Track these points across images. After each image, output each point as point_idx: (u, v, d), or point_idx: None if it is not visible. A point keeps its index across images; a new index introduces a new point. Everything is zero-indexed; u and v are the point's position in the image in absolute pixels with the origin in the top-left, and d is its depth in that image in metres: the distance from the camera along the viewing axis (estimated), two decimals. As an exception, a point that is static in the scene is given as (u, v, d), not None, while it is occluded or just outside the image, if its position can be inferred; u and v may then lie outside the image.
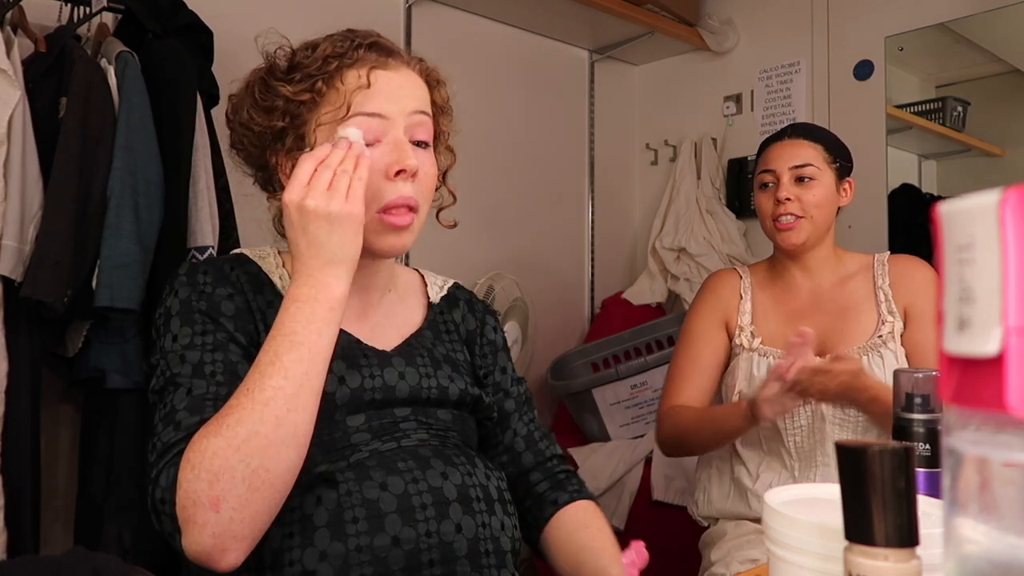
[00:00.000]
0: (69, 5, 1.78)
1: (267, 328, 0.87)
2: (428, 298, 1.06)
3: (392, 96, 0.88)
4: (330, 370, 0.85)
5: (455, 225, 1.04)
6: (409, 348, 0.97)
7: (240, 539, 0.75)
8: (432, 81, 0.96)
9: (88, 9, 1.76)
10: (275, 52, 0.92)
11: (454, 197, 1.04)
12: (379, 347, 0.95)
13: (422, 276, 1.10)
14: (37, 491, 1.64)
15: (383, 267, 0.98)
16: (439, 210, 1.03)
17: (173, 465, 0.77)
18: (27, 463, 1.60)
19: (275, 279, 0.94)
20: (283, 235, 1.02)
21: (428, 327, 1.02)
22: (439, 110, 0.97)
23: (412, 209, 0.89)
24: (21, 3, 1.67)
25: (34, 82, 1.62)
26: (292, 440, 0.76)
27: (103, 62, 1.70)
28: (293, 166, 0.88)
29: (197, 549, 0.74)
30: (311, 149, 0.90)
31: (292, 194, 0.80)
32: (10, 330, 1.56)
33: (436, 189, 0.97)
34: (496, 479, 0.94)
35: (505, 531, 0.91)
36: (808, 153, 1.49)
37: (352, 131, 0.85)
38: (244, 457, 0.74)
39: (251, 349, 0.86)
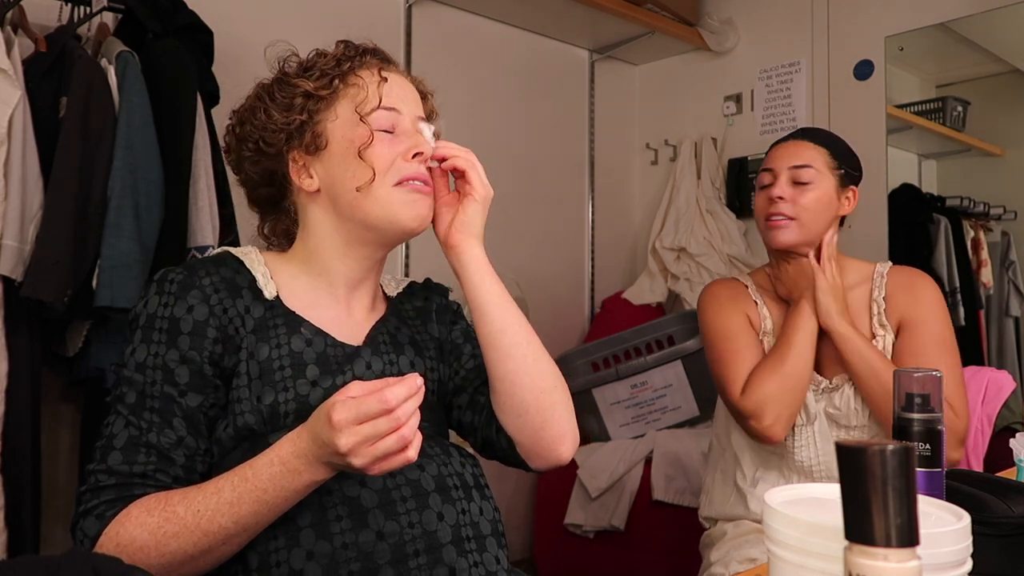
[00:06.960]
0: (69, 5, 1.78)
1: (245, 331, 0.90)
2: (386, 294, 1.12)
3: (403, 96, 0.99)
4: (303, 375, 0.91)
5: None
6: (374, 335, 1.00)
7: None
8: (423, 92, 1.06)
9: (88, 9, 1.76)
10: (287, 58, 1.00)
11: None
12: (351, 341, 0.97)
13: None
14: (37, 491, 1.64)
15: (384, 259, 1.03)
16: None
17: (99, 519, 0.82)
18: (27, 463, 1.60)
19: (257, 276, 0.96)
20: (269, 244, 1.06)
21: (392, 313, 1.06)
22: (428, 118, 1.06)
23: (428, 186, 0.97)
24: (21, 3, 1.67)
25: (34, 82, 1.62)
26: (216, 562, 0.83)
27: (103, 62, 1.70)
28: (304, 164, 0.97)
29: None
30: (326, 145, 0.95)
31: (342, 414, 0.75)
32: (10, 330, 1.57)
33: None
34: (471, 466, 0.98)
35: (484, 515, 0.94)
36: (810, 155, 1.46)
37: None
38: (166, 563, 0.81)
39: (204, 365, 0.88)
